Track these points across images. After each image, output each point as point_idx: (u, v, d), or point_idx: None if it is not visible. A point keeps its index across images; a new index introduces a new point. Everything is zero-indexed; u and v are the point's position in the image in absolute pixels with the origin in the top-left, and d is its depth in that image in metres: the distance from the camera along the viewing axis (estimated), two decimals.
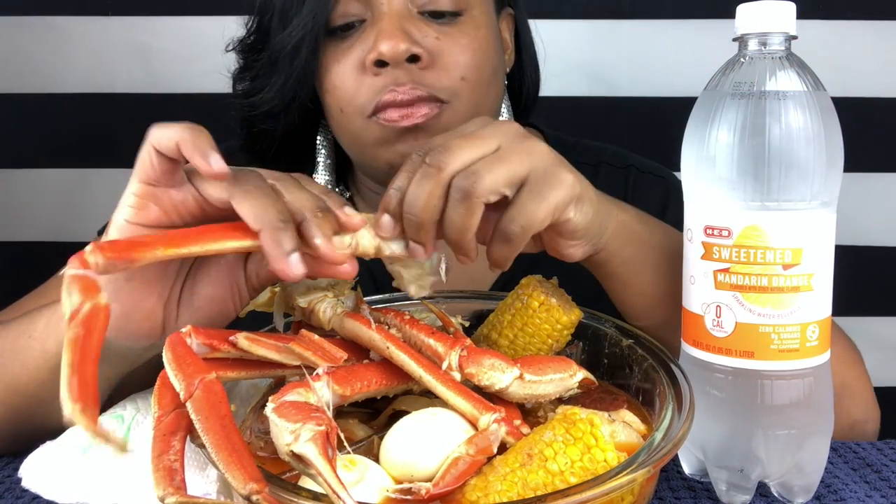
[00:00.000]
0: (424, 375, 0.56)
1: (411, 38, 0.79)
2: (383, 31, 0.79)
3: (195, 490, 0.56)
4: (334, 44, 0.83)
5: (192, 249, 0.54)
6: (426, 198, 0.58)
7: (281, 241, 0.54)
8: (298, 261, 0.54)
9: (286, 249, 0.54)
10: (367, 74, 0.81)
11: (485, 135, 0.61)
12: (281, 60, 0.85)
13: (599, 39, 1.40)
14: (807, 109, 0.58)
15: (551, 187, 0.61)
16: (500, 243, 0.61)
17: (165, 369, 0.54)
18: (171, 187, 0.58)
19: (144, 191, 0.58)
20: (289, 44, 0.83)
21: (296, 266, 0.54)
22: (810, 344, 0.59)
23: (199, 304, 0.62)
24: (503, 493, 0.49)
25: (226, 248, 0.55)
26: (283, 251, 0.54)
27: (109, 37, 1.38)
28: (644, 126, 1.38)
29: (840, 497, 0.63)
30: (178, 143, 0.55)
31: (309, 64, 0.83)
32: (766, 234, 0.58)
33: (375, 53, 0.79)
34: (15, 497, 0.65)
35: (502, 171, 0.59)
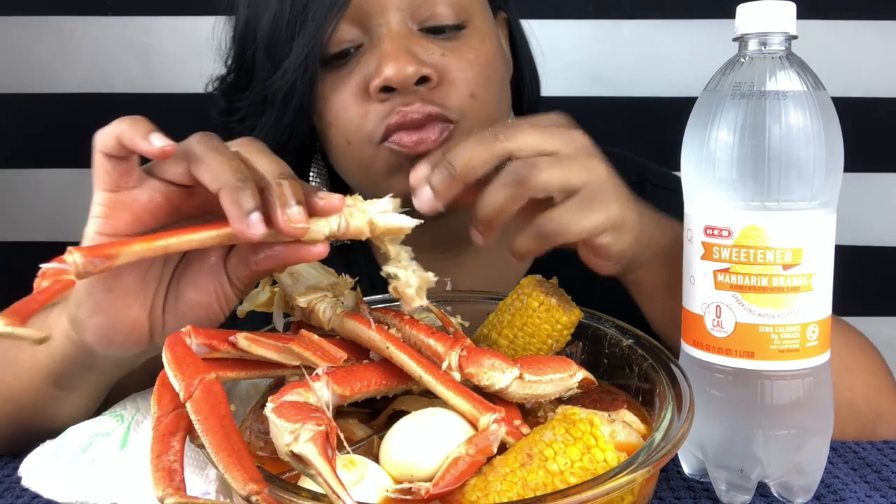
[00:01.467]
0: (424, 375, 0.56)
1: (417, 58, 0.74)
2: (387, 55, 0.74)
3: (195, 490, 0.56)
4: (331, 73, 0.78)
5: (168, 242, 0.54)
6: (474, 156, 0.58)
7: (240, 199, 0.52)
8: (259, 221, 0.52)
9: (246, 208, 0.52)
10: (372, 101, 0.76)
11: (554, 133, 0.60)
12: (273, 100, 0.79)
13: (599, 39, 1.40)
14: (807, 109, 0.58)
15: (596, 208, 0.61)
16: (530, 237, 0.61)
17: (165, 369, 0.54)
18: (134, 188, 0.57)
19: (109, 199, 0.57)
20: (284, 83, 0.77)
21: (255, 226, 0.52)
22: (810, 344, 0.59)
23: (185, 311, 0.61)
24: (503, 493, 0.49)
25: (203, 239, 0.55)
26: (241, 210, 0.52)
27: (109, 37, 1.38)
28: (644, 126, 1.38)
29: (840, 497, 0.63)
30: (118, 137, 0.55)
31: (306, 101, 0.78)
32: (766, 234, 0.58)
33: (381, 79, 0.73)
34: (15, 496, 0.65)
35: (559, 175, 0.59)
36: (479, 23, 0.81)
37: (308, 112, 0.79)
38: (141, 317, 0.60)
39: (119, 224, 0.57)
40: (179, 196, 0.58)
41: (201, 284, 0.61)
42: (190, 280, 0.61)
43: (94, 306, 0.59)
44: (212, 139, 0.57)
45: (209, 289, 0.61)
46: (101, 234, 0.57)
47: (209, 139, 0.57)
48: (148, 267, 0.59)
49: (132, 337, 0.60)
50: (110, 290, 0.58)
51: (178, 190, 0.58)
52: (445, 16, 0.77)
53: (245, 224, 0.53)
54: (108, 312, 0.59)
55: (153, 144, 0.54)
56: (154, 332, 0.61)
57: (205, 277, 0.61)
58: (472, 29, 0.80)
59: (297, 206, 0.54)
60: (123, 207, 0.57)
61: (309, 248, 0.57)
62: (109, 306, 0.59)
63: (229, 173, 0.54)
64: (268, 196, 0.54)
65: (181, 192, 0.58)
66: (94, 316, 0.59)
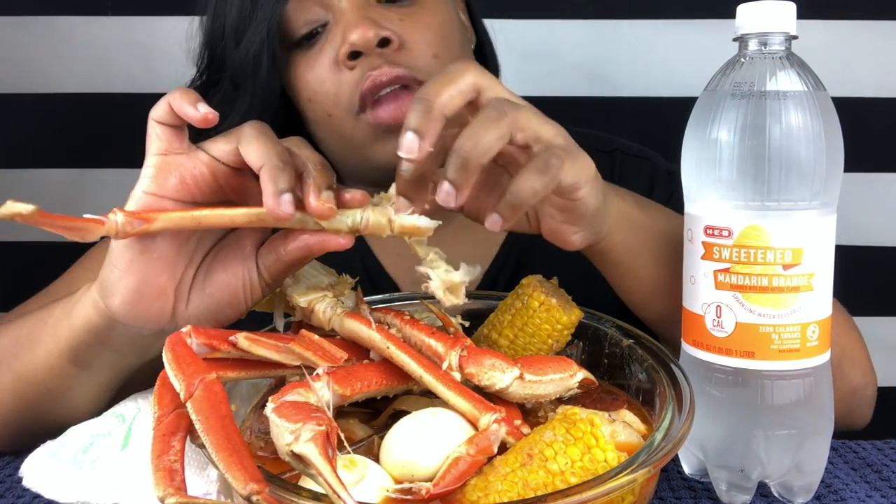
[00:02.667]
0: (424, 375, 0.56)
1: (377, 23, 0.80)
2: (349, 23, 0.80)
3: (195, 490, 0.56)
4: (303, 53, 0.84)
5: (202, 213, 0.59)
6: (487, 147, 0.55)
7: (277, 178, 0.56)
8: (290, 201, 0.56)
9: (280, 188, 0.56)
10: (343, 71, 0.81)
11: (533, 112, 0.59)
12: (242, 79, 0.84)
13: (599, 39, 1.40)
14: (807, 109, 0.58)
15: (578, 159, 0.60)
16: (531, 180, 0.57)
17: (165, 369, 0.54)
18: (181, 153, 0.61)
19: (159, 161, 0.60)
20: (248, 56, 0.82)
21: (285, 205, 0.56)
22: (811, 344, 0.59)
23: (211, 290, 0.63)
24: (503, 493, 0.49)
25: (234, 216, 0.59)
26: (277, 188, 0.56)
27: (109, 37, 1.38)
28: (644, 126, 1.38)
29: (840, 497, 0.63)
30: (169, 103, 0.59)
31: (272, 75, 0.83)
32: (766, 234, 0.58)
33: (347, 46, 0.79)
34: (16, 496, 0.65)
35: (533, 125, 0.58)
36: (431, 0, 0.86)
37: (274, 87, 0.84)
38: (168, 287, 0.62)
39: (165, 185, 0.60)
40: (224, 175, 0.61)
41: (231, 268, 0.63)
42: (222, 262, 0.63)
43: (127, 265, 0.61)
44: (264, 126, 0.61)
45: (238, 273, 0.63)
46: (147, 193, 0.60)
47: (262, 126, 0.61)
48: (184, 240, 0.62)
49: (155, 306, 0.62)
50: (145, 251, 0.60)
51: (224, 168, 0.61)
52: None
53: (277, 202, 0.56)
54: (138, 275, 0.61)
55: (198, 110, 0.58)
56: (177, 308, 0.62)
57: (236, 262, 0.63)
58: (425, 4, 0.85)
59: (329, 192, 0.58)
60: (171, 170, 0.60)
61: (336, 238, 0.59)
62: (142, 268, 0.61)
63: (273, 154, 0.58)
64: (305, 178, 0.58)
65: (226, 172, 0.61)
66: (125, 277, 0.61)
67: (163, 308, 0.62)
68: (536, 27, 0.99)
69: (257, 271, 0.63)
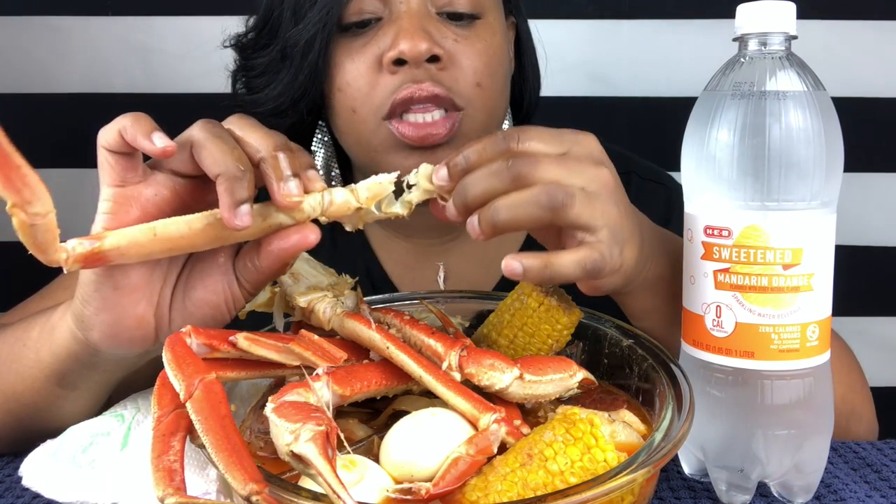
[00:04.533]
0: (424, 375, 0.56)
1: (432, 38, 0.78)
2: (404, 30, 0.78)
3: (195, 490, 0.56)
4: (348, 40, 0.81)
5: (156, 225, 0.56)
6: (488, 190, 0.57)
7: (233, 188, 0.54)
8: (247, 213, 0.55)
9: (237, 198, 0.54)
10: (383, 73, 0.79)
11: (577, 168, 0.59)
12: (291, 56, 0.83)
13: (599, 39, 1.40)
14: (807, 109, 0.58)
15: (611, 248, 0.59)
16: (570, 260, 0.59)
17: (165, 369, 0.54)
18: (139, 183, 0.58)
19: (115, 194, 0.58)
20: (302, 38, 0.81)
21: (242, 217, 0.54)
22: (810, 344, 0.59)
23: (192, 310, 0.62)
24: (503, 493, 0.49)
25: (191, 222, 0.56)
26: (233, 200, 0.54)
27: (109, 37, 1.38)
28: (644, 126, 1.38)
29: (840, 497, 0.63)
30: (120, 133, 0.56)
31: (321, 60, 0.81)
32: (766, 234, 0.58)
33: (396, 52, 0.77)
34: (15, 496, 0.65)
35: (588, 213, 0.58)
36: (491, 18, 0.85)
37: (321, 71, 0.82)
38: (147, 314, 0.60)
39: (126, 219, 0.57)
40: (185, 189, 0.59)
41: (210, 284, 0.61)
42: (198, 279, 0.62)
43: (101, 303, 0.59)
44: (214, 126, 0.58)
45: (217, 288, 0.62)
46: (108, 229, 0.57)
47: (212, 126, 0.58)
48: (154, 265, 0.60)
49: (138, 335, 0.61)
50: (117, 286, 0.59)
51: (184, 182, 0.59)
52: (462, 4, 0.82)
53: (233, 214, 0.54)
54: (114, 310, 0.59)
55: (155, 144, 0.55)
56: (160, 332, 0.61)
57: (213, 277, 0.61)
58: (485, 22, 0.84)
59: (294, 180, 0.57)
60: (130, 202, 0.58)
61: (306, 237, 0.58)
62: (116, 304, 0.59)
63: (230, 161, 0.55)
64: (264, 169, 0.56)
65: (187, 185, 0.59)
66: (101, 313, 0.60)
67: (145, 334, 0.61)
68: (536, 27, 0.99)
69: (237, 282, 0.62)
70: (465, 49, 0.81)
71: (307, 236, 0.59)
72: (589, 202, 0.58)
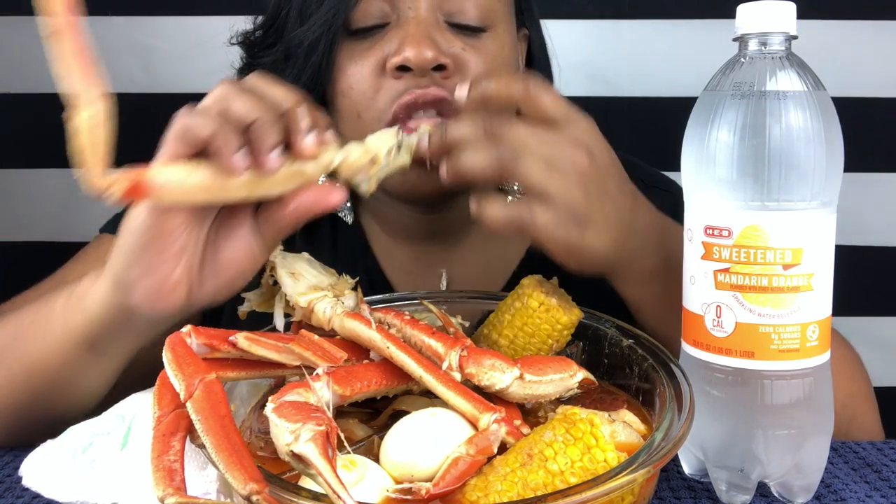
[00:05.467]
0: (424, 375, 0.56)
1: (438, 46, 0.77)
2: (410, 37, 0.77)
3: (195, 490, 0.56)
4: (352, 44, 0.80)
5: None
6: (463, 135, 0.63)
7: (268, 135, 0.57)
8: (278, 157, 0.58)
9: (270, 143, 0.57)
10: (386, 77, 0.78)
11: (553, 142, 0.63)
12: (294, 56, 0.82)
13: (599, 39, 1.40)
14: (807, 109, 0.58)
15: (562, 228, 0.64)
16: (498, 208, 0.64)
17: (165, 369, 0.54)
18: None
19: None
20: (306, 39, 0.80)
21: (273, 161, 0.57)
22: (810, 344, 0.59)
23: (221, 269, 0.63)
24: (503, 493, 0.49)
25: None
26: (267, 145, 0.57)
27: (109, 37, 1.38)
28: (644, 126, 1.38)
29: (840, 497, 0.63)
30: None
31: (325, 61, 0.81)
32: (766, 234, 0.58)
33: (400, 58, 0.76)
34: (15, 496, 0.65)
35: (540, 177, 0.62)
36: (501, 30, 0.83)
37: (324, 73, 0.82)
38: (183, 278, 0.62)
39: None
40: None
41: (235, 244, 0.63)
42: (224, 241, 0.63)
43: (145, 268, 0.61)
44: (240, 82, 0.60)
45: (243, 247, 0.63)
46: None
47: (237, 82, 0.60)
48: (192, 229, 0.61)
49: (174, 297, 0.62)
50: (161, 251, 0.60)
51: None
52: (472, 15, 0.80)
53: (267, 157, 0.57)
54: (156, 274, 0.61)
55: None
56: (191, 294, 0.62)
57: (238, 237, 0.63)
58: (494, 34, 0.82)
59: (314, 132, 0.60)
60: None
61: (328, 196, 0.61)
62: (160, 268, 0.61)
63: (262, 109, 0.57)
64: (287, 120, 0.59)
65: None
66: (143, 278, 0.61)
67: (179, 296, 0.62)
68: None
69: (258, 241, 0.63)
70: (472, 58, 0.80)
71: (328, 196, 0.61)
72: (546, 169, 0.62)
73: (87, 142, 0.49)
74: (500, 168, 0.62)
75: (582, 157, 0.63)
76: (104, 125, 0.49)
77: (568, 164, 0.63)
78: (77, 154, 0.49)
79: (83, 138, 0.49)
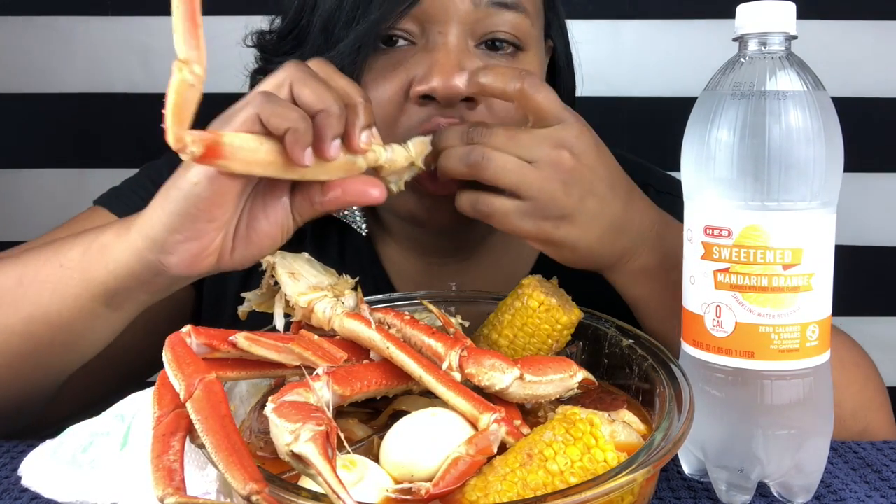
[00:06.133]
0: (424, 376, 0.56)
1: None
2: (440, 65, 0.73)
3: (195, 490, 0.56)
4: (376, 58, 0.76)
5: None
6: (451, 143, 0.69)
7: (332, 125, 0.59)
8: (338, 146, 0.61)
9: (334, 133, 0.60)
10: (409, 103, 0.75)
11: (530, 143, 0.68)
12: None
13: (599, 39, 1.40)
14: (807, 109, 0.58)
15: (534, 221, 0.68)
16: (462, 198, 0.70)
17: (165, 369, 0.54)
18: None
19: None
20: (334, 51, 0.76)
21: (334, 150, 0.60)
22: (810, 344, 0.59)
23: (254, 238, 0.65)
24: (503, 493, 0.49)
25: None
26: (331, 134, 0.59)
27: (109, 37, 1.38)
28: (644, 126, 1.38)
29: (840, 497, 0.63)
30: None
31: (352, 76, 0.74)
32: (766, 234, 0.58)
33: (427, 87, 0.73)
34: (13, 498, 0.65)
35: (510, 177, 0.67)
36: (532, 55, 0.80)
37: None
38: (220, 244, 0.63)
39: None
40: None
41: (272, 216, 0.65)
42: (261, 211, 0.65)
43: (192, 233, 0.62)
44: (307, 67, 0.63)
45: (277, 219, 0.65)
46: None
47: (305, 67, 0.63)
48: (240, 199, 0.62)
49: (207, 262, 0.64)
50: (212, 220, 0.61)
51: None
52: (505, 32, 0.77)
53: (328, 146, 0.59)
54: (201, 240, 0.62)
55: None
56: (222, 258, 0.64)
57: (275, 210, 0.65)
58: (527, 58, 0.80)
59: (368, 130, 0.63)
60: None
61: (369, 191, 0.64)
62: (205, 235, 0.62)
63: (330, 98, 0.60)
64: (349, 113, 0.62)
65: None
66: (188, 242, 0.62)
67: (212, 261, 0.64)
68: None
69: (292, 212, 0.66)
70: None
71: (370, 190, 0.64)
72: (519, 167, 0.67)
73: (181, 100, 0.52)
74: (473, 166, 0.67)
75: (563, 156, 0.67)
76: (198, 88, 0.52)
77: (545, 161, 0.67)
78: (170, 109, 0.52)
79: (179, 97, 0.52)
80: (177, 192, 0.61)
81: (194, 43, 0.50)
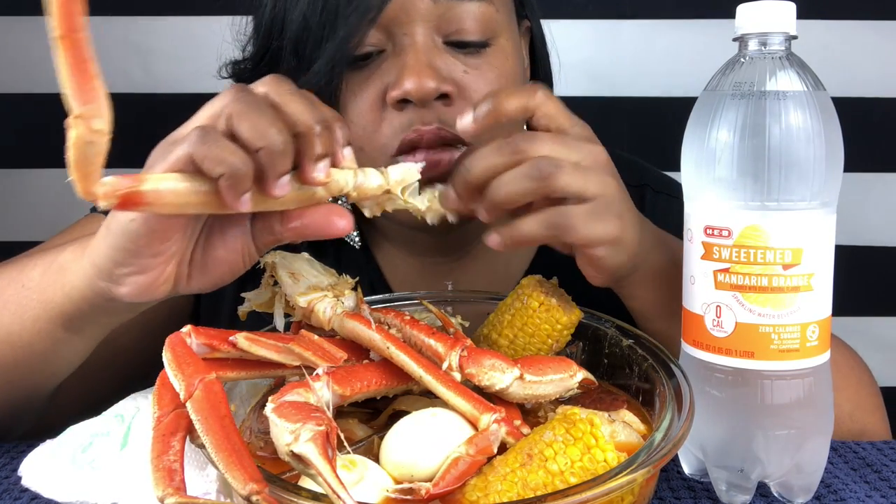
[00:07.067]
0: (424, 376, 0.56)
1: (439, 74, 0.73)
2: (409, 67, 0.72)
3: (195, 490, 0.56)
4: (350, 74, 0.76)
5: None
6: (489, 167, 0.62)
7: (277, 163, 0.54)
8: (286, 183, 0.55)
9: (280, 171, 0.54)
10: (389, 110, 0.74)
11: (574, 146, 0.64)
12: None
13: (599, 39, 1.40)
14: (807, 109, 0.58)
15: (603, 221, 0.64)
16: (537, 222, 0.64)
17: (165, 369, 0.54)
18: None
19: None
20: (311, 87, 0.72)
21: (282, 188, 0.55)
22: (810, 344, 0.59)
23: (211, 266, 0.61)
24: (503, 493, 0.49)
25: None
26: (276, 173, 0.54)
27: (109, 37, 1.38)
28: (644, 126, 1.38)
29: (840, 497, 0.63)
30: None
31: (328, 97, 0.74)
32: (766, 234, 0.58)
33: (400, 91, 0.72)
34: (13, 498, 0.65)
35: (579, 180, 0.62)
36: (504, 40, 0.79)
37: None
38: (173, 272, 0.61)
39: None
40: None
41: (230, 243, 0.61)
42: (219, 239, 0.61)
43: (138, 268, 0.59)
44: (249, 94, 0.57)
45: (236, 247, 0.61)
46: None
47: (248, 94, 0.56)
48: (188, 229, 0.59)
49: (162, 289, 0.61)
50: (156, 255, 0.59)
51: None
52: (472, 31, 0.76)
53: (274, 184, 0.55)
54: (150, 273, 0.60)
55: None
56: (178, 284, 0.62)
57: (233, 237, 0.61)
58: (497, 46, 0.78)
59: (323, 162, 0.57)
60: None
61: (333, 221, 0.59)
62: (153, 269, 0.60)
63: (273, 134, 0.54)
64: (299, 143, 0.56)
65: None
66: (135, 276, 0.60)
67: (167, 289, 0.61)
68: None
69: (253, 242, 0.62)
70: (475, 80, 0.76)
71: (335, 221, 0.59)
72: (581, 173, 0.63)
73: (81, 157, 0.48)
74: (542, 185, 0.61)
75: (599, 152, 0.65)
76: (102, 139, 0.47)
77: (591, 161, 0.64)
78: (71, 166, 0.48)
79: (79, 153, 0.48)
80: (116, 225, 0.59)
81: (89, 95, 0.45)
